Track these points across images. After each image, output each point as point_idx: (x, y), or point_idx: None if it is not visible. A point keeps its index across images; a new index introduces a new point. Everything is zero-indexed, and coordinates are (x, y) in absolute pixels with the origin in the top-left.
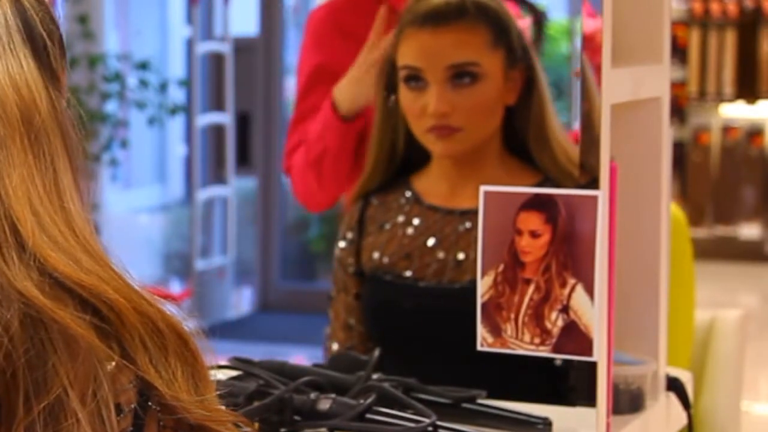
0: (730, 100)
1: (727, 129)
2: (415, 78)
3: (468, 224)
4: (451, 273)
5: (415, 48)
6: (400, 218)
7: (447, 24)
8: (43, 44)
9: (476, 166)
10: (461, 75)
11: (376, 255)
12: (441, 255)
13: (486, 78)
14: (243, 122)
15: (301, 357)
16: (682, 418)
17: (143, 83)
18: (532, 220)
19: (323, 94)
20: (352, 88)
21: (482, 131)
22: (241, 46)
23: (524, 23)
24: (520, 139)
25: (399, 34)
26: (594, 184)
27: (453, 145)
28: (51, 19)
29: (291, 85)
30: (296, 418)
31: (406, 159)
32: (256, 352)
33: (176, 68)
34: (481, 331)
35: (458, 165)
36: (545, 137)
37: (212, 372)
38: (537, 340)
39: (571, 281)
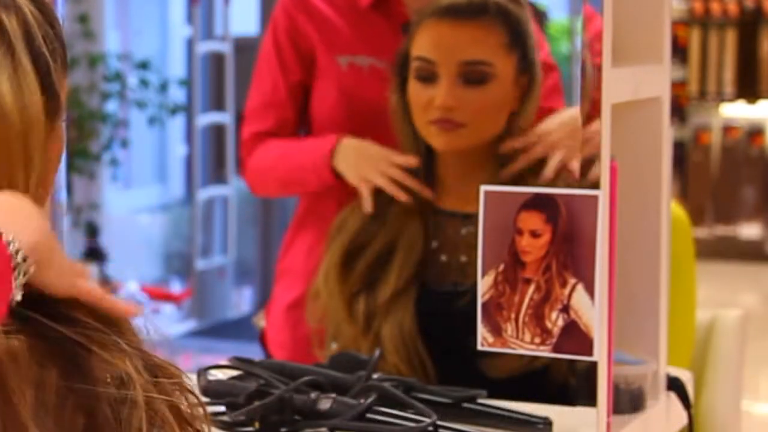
0: (731, 100)
1: (727, 129)
2: (427, 70)
3: (471, 228)
4: (455, 276)
5: (431, 40)
6: None
7: (466, 20)
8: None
9: (478, 169)
10: (473, 73)
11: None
12: (444, 258)
13: (497, 79)
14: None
15: None
16: (682, 418)
17: (143, 83)
18: (532, 220)
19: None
20: (358, 175)
21: (485, 131)
22: (242, 46)
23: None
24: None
25: (416, 25)
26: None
27: (454, 139)
28: (55, 36)
29: None
30: (296, 417)
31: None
32: (256, 352)
33: (176, 68)
34: (481, 330)
35: (461, 168)
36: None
37: (212, 372)
38: (537, 340)
39: (572, 281)
